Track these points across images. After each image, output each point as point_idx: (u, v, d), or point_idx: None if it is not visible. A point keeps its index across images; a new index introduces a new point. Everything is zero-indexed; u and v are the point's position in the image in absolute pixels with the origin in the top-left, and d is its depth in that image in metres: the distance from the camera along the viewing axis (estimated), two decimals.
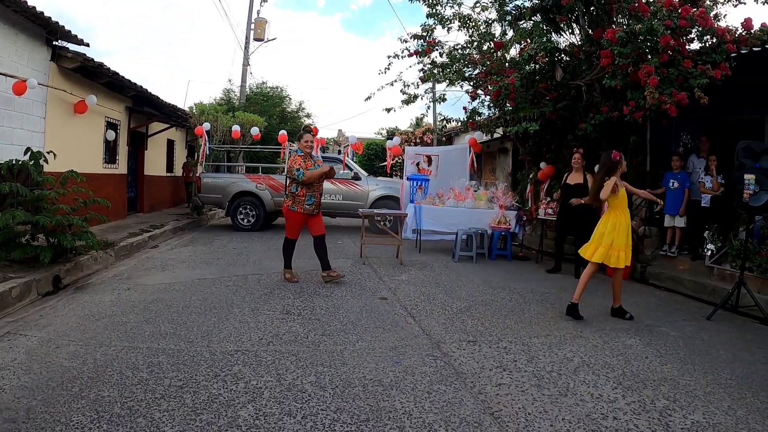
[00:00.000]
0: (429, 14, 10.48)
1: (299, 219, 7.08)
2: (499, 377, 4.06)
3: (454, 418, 3.32)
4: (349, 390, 3.67)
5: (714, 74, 7.10)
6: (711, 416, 3.54)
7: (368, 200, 13.14)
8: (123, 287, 6.53)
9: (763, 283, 6.84)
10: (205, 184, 13.50)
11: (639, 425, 3.35)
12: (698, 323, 6.02)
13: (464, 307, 6.18)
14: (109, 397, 3.40)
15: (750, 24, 7.33)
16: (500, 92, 9.34)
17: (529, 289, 7.35)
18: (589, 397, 3.76)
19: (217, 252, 9.52)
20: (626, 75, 7.70)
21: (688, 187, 8.41)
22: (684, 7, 7.33)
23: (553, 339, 5.12)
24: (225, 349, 4.41)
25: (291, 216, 7.10)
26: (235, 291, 6.51)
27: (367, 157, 26.64)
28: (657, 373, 4.32)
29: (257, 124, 16.14)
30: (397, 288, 7.08)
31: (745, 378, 4.32)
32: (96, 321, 5.06)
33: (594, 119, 8.80)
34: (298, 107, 25.92)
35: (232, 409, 3.30)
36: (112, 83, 11.73)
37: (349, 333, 5.01)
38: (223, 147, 15.65)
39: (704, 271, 7.86)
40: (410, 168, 12.39)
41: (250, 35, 21.83)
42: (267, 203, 13.19)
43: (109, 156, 12.72)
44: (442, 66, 10.82)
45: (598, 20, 8.97)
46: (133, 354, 4.19)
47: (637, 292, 7.65)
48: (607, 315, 6.19)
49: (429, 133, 25.26)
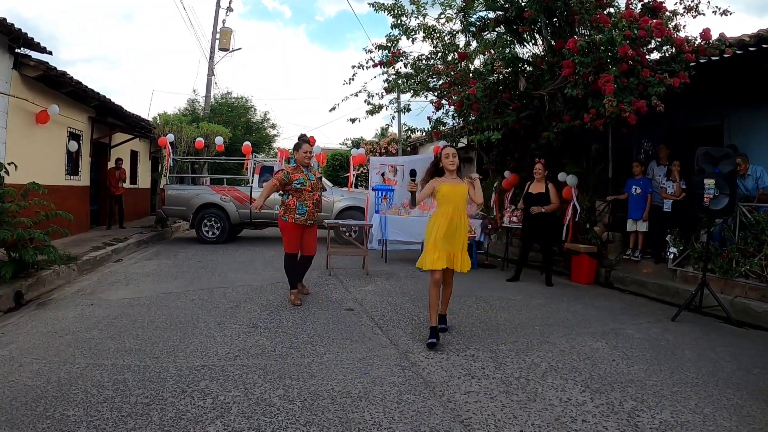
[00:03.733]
0: (394, 25, 10.52)
1: (293, 230, 6.72)
2: (468, 385, 4.05)
3: (423, 428, 3.29)
4: (318, 402, 3.62)
5: (672, 82, 7.27)
6: (678, 415, 3.59)
7: (333, 211, 13.07)
8: (86, 302, 6.35)
9: (725, 284, 7.02)
10: (169, 196, 13.26)
11: (608, 427, 3.37)
12: (663, 325, 6.13)
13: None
14: (75, 416, 3.29)
15: (708, 34, 7.52)
16: (463, 102, 9.41)
17: (495, 297, 7.38)
18: (558, 401, 3.78)
19: (181, 265, 9.36)
20: (587, 84, 7.83)
21: (650, 192, 8.60)
22: (643, 18, 7.49)
23: (520, 345, 5.14)
24: (191, 364, 4.31)
25: (284, 227, 6.75)
26: (201, 305, 6.39)
27: (332, 167, 26.52)
28: (624, 375, 4.37)
29: (222, 134, 15.98)
30: (363, 299, 7.04)
31: (711, 376, 4.40)
32: (59, 338, 4.91)
33: (556, 128, 8.92)
34: (263, 118, 25.81)
35: (200, 425, 3.22)
36: (75, 93, 11.45)
37: (316, 345, 4.95)
38: (187, 158, 15.43)
39: (667, 273, 8.01)
40: (375, 178, 12.36)
41: (215, 45, 21.60)
42: (232, 215, 13.01)
43: (72, 167, 12.39)
44: (406, 76, 10.87)
45: (561, 31, 9.12)
46: (98, 371, 4.07)
47: (603, 296, 7.76)
48: (573, 320, 6.25)
49: (394, 143, 25.29)
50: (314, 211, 6.77)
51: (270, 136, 26.45)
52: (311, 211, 6.72)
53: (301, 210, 6.65)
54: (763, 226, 6.75)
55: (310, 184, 6.73)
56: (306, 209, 6.66)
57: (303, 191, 6.66)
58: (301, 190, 6.64)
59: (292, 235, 6.73)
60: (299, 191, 6.65)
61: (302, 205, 6.65)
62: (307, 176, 6.75)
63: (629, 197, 8.78)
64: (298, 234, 6.76)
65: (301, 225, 6.70)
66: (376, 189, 11.61)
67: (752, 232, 6.95)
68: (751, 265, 6.80)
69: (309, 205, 6.69)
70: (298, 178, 6.68)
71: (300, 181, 6.66)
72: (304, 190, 6.66)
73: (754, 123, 8.39)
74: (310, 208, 6.70)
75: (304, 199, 6.67)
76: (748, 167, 7.50)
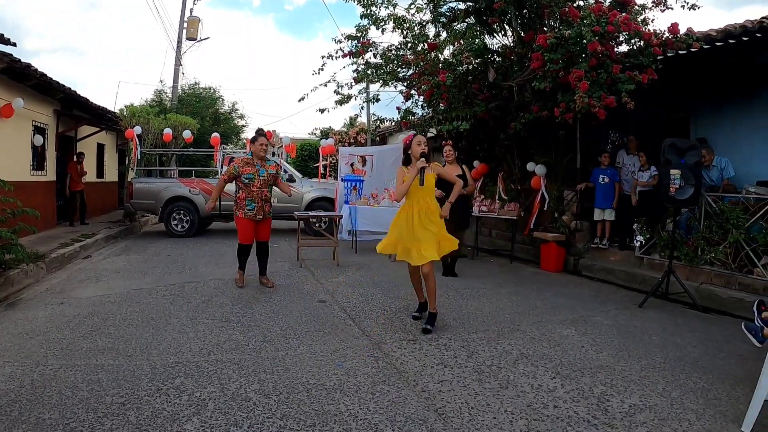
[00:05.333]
0: (363, 15, 10.45)
1: (243, 224, 6.85)
2: (441, 374, 4.10)
3: (399, 417, 3.33)
4: (294, 396, 3.63)
5: (641, 79, 7.39)
6: (647, 399, 3.70)
7: (303, 202, 13.03)
8: (56, 301, 6.21)
9: (690, 271, 7.21)
10: (137, 189, 13.04)
11: (579, 412, 3.46)
12: (631, 311, 6.27)
13: (402, 307, 6.20)
14: (51, 419, 3.22)
15: (676, 28, 7.65)
16: (433, 92, 9.43)
17: (465, 286, 7.46)
18: (529, 387, 3.85)
19: (151, 260, 9.24)
20: (556, 78, 7.90)
21: (617, 181, 8.75)
22: (612, 12, 7.56)
23: (491, 333, 5.21)
24: (165, 361, 4.27)
25: (236, 220, 6.92)
26: (172, 300, 6.32)
27: (301, 158, 26.33)
28: (593, 361, 4.47)
29: (189, 126, 15.74)
30: (335, 290, 7.05)
31: (678, 361, 4.53)
32: (30, 339, 4.80)
33: (524, 118, 9.00)
34: (231, 108, 25.49)
35: (177, 423, 3.20)
36: (40, 85, 11.15)
37: (289, 338, 4.95)
38: (154, 151, 15.12)
39: (634, 261, 8.19)
40: (344, 169, 12.35)
41: (183, 34, 21.22)
42: (201, 208, 12.83)
43: (37, 162, 12.08)
44: (375, 66, 10.84)
45: (531, 23, 9.17)
46: (72, 372, 3.99)
47: (571, 284, 7.90)
48: (543, 308, 6.35)
49: (363, 133, 25.20)
50: (263, 207, 6.87)
51: (238, 126, 26.18)
52: (260, 206, 6.82)
53: (249, 206, 6.76)
54: (727, 215, 6.92)
55: (260, 179, 6.80)
56: (255, 205, 6.77)
57: (252, 187, 6.74)
58: (249, 185, 6.73)
59: (244, 228, 6.91)
60: (248, 186, 6.74)
61: (251, 201, 6.75)
62: (257, 171, 6.80)
63: (596, 186, 8.92)
64: (251, 226, 6.91)
65: (251, 219, 6.82)
66: (346, 179, 11.61)
67: (717, 221, 7.13)
68: (716, 252, 6.99)
69: (258, 201, 6.79)
70: (248, 172, 6.75)
71: (249, 176, 6.74)
72: (252, 185, 6.75)
73: (719, 116, 8.60)
74: (259, 204, 6.81)
75: (253, 195, 6.76)
76: (713, 158, 7.68)
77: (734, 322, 5.78)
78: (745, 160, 7.92)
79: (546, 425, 3.27)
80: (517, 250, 10.01)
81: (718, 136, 8.42)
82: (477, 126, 10.18)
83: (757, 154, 7.91)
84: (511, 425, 3.26)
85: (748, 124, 8.15)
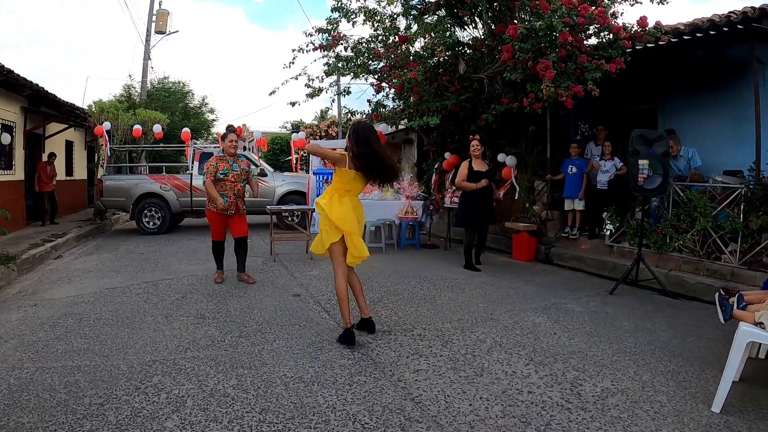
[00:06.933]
0: (334, 8, 10.44)
1: (215, 218, 6.90)
2: (417, 363, 4.15)
3: (377, 407, 3.37)
4: (272, 390, 3.64)
5: (609, 68, 7.51)
6: (619, 382, 3.80)
7: (275, 196, 12.99)
8: (29, 303, 6.09)
9: (659, 258, 7.40)
10: (107, 187, 12.81)
11: (552, 396, 3.54)
12: (602, 298, 6.40)
13: (377, 298, 6.23)
14: (30, 423, 3.18)
15: (645, 22, 7.80)
16: (404, 86, 9.47)
17: (439, 276, 7.53)
18: (504, 374, 3.92)
19: (123, 258, 9.12)
20: (526, 69, 7.99)
21: (586, 171, 8.89)
22: (583, 6, 7.66)
23: (465, 323, 5.28)
24: (142, 360, 4.24)
25: (208, 216, 6.99)
26: (147, 299, 6.26)
27: (272, 152, 26.14)
28: (566, 347, 4.57)
29: (159, 121, 15.49)
30: (309, 284, 7.06)
31: (648, 345, 4.66)
32: (4, 342, 4.70)
33: (495, 110, 9.09)
34: (201, 102, 25.16)
35: (157, 421, 3.19)
36: (6, 82, 10.79)
37: (265, 332, 4.96)
38: (124, 147, 14.84)
39: (604, 249, 8.35)
40: (316, 162, 12.33)
41: (152, 28, 20.80)
42: (172, 204, 12.71)
43: (5, 161, 11.79)
44: (346, 59, 10.83)
45: (501, 16, 9.25)
46: (48, 375, 3.93)
47: (543, 273, 8.02)
48: (515, 296, 6.44)
49: (334, 126, 25.16)
50: (236, 201, 6.92)
51: (209, 121, 25.87)
52: (232, 201, 6.88)
53: (222, 199, 6.77)
54: (695, 204, 7.09)
55: (233, 174, 6.87)
56: (227, 199, 6.81)
57: (225, 181, 6.82)
58: (223, 180, 6.80)
59: (215, 224, 7.00)
60: (222, 181, 6.81)
61: (223, 195, 6.79)
62: (231, 167, 6.87)
63: (566, 177, 9.06)
64: (223, 222, 6.99)
65: (223, 213, 6.87)
66: (317, 173, 11.59)
67: (685, 209, 7.32)
68: (684, 240, 7.18)
69: (230, 195, 6.85)
70: (222, 168, 6.82)
71: (223, 171, 6.81)
72: (226, 180, 6.82)
73: (686, 108, 8.79)
74: (231, 198, 6.86)
75: (226, 189, 6.83)
76: (680, 149, 7.87)
77: (702, 307, 5.97)
78: (713, 150, 8.15)
79: (521, 410, 3.34)
80: (490, 240, 10.11)
81: (687, 127, 8.63)
82: (448, 118, 10.26)
83: (723, 145, 8.12)
84: (486, 411, 3.33)
85: (715, 116, 8.36)
